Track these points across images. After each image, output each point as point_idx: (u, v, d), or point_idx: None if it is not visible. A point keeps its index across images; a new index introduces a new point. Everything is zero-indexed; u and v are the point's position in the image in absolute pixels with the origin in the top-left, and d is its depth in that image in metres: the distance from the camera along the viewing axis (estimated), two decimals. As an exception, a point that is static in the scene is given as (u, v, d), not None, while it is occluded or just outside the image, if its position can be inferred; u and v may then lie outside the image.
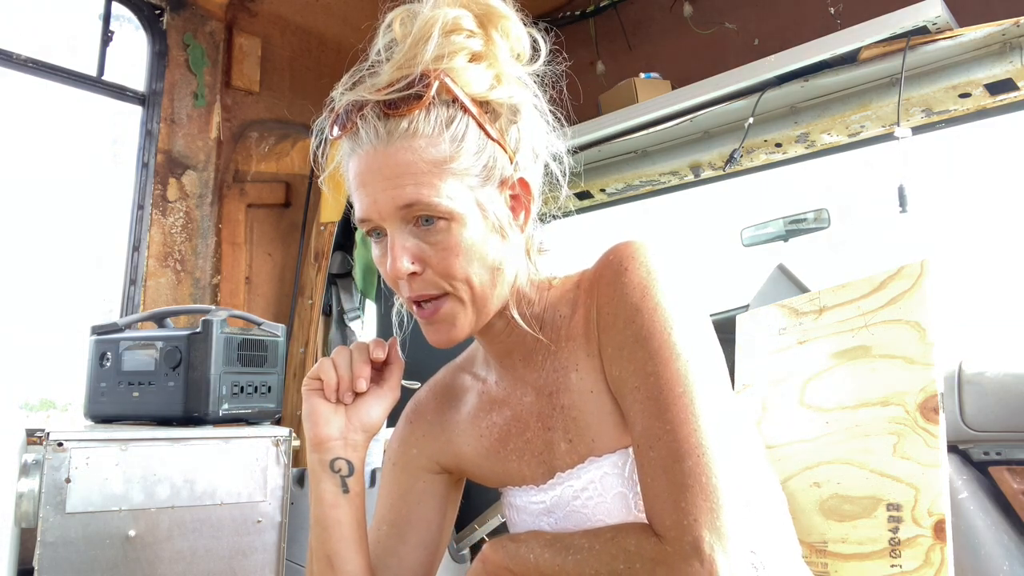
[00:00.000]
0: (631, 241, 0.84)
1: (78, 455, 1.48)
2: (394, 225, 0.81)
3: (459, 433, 0.99)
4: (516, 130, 0.86)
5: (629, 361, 0.79)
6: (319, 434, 0.90)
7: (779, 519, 0.94)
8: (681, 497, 0.71)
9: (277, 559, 1.71)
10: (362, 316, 2.90)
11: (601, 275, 0.85)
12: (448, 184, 0.79)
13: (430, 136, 0.79)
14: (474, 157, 0.81)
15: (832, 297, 1.33)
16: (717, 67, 2.32)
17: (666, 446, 0.74)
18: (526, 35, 0.88)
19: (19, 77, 2.39)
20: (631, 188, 2.94)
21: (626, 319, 0.80)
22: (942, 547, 1.07)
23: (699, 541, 0.69)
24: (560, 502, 0.87)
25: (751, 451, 0.94)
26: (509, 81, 0.86)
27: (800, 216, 2.26)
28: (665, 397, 0.75)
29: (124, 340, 1.78)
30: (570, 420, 0.87)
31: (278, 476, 1.74)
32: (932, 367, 1.16)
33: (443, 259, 0.81)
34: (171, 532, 1.56)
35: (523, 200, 0.87)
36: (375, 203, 0.80)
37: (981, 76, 1.97)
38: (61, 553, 1.44)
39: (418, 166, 0.79)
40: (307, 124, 2.96)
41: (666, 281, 0.80)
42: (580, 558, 0.77)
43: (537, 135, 0.90)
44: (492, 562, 0.86)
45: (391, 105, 0.79)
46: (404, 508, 1.00)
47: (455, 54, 0.82)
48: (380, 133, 0.79)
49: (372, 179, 0.80)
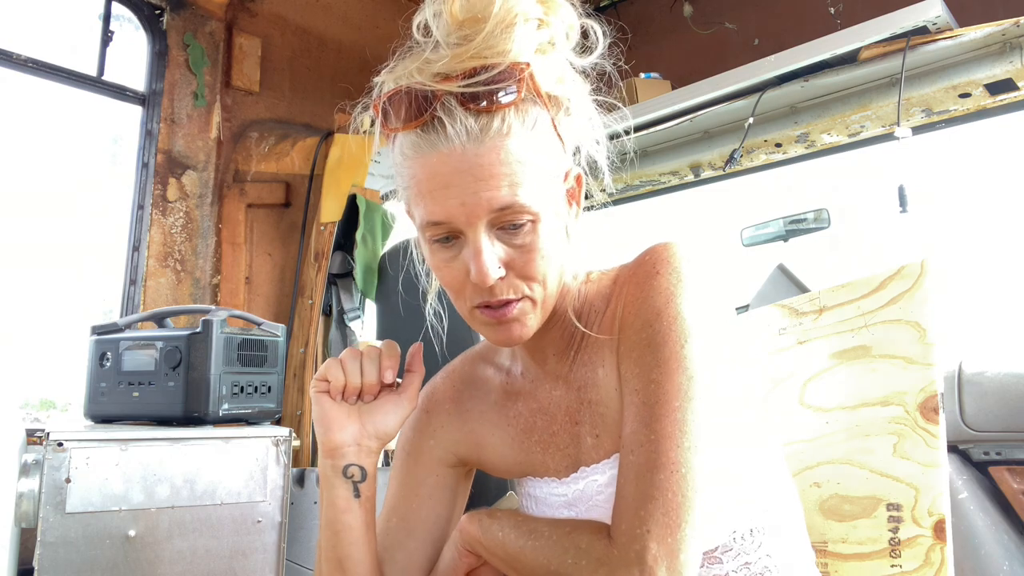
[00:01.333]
0: (669, 244, 0.83)
1: (78, 455, 1.48)
2: (480, 229, 0.75)
3: (483, 422, 0.98)
4: (571, 123, 0.84)
5: (637, 364, 0.79)
6: (333, 440, 0.88)
7: (795, 527, 0.94)
8: (642, 507, 0.72)
9: (277, 559, 1.71)
10: (362, 316, 2.90)
11: (634, 274, 0.84)
12: (535, 183, 0.76)
13: (520, 136, 0.75)
14: (550, 156, 0.79)
15: (832, 297, 1.33)
16: (717, 67, 2.32)
17: (646, 454, 0.74)
18: (579, 26, 0.84)
19: (19, 77, 2.39)
20: (631, 188, 2.94)
21: (645, 322, 0.79)
22: (942, 547, 1.07)
23: (645, 551, 0.69)
24: (583, 496, 0.88)
25: (772, 460, 0.93)
26: (570, 75, 0.83)
27: (800, 216, 2.26)
28: (660, 407, 0.75)
29: (124, 340, 1.78)
30: (597, 416, 0.87)
31: (278, 476, 1.74)
32: (932, 367, 1.16)
33: (527, 261, 0.78)
34: (171, 532, 1.56)
35: (576, 194, 0.87)
36: (463, 205, 0.74)
37: (981, 76, 1.97)
38: (61, 553, 1.44)
39: (512, 167, 0.74)
40: (307, 124, 2.97)
41: (694, 291, 0.79)
42: (538, 545, 0.79)
43: (590, 130, 0.88)
44: (467, 533, 0.88)
45: (476, 99, 0.73)
46: (415, 502, 0.99)
47: (533, 46, 0.77)
48: (471, 130, 0.73)
49: (461, 180, 0.74)
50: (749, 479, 0.86)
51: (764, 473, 0.88)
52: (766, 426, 0.92)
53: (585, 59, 0.85)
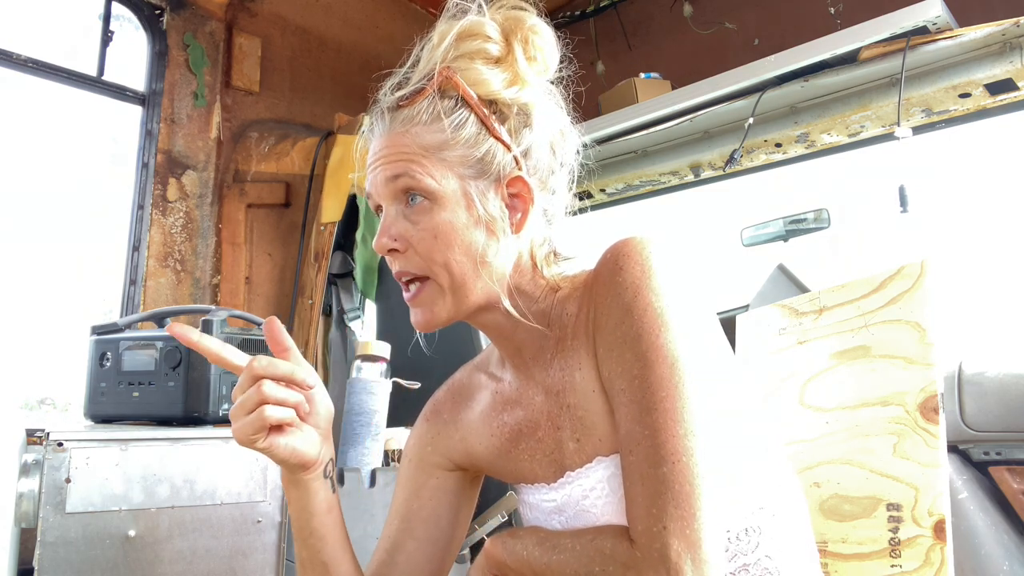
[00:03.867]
0: (630, 238, 0.84)
1: (78, 455, 1.48)
2: (387, 201, 0.87)
3: (472, 432, 1.00)
4: (528, 133, 0.88)
5: (618, 363, 0.79)
6: (310, 460, 0.87)
7: (798, 529, 0.92)
8: (653, 503, 0.72)
9: (277, 559, 1.71)
10: (362, 316, 2.90)
11: (599, 274, 0.84)
12: (437, 167, 0.85)
13: (426, 123, 0.85)
14: (469, 148, 0.85)
15: (832, 297, 1.33)
16: (717, 67, 2.33)
17: (644, 451, 0.74)
18: (553, 46, 0.91)
19: (19, 77, 2.39)
20: (631, 188, 2.94)
21: (617, 320, 0.80)
22: (942, 547, 1.07)
23: (667, 549, 0.70)
24: (570, 501, 0.88)
25: (770, 459, 0.92)
26: (526, 87, 0.88)
27: (800, 216, 2.26)
28: (648, 401, 0.75)
29: (124, 340, 1.78)
30: (576, 420, 0.87)
31: (278, 476, 1.74)
32: (932, 367, 1.16)
33: (423, 239, 0.85)
34: (171, 532, 1.56)
35: (523, 201, 0.88)
36: (374, 180, 0.88)
37: (981, 76, 1.97)
38: (61, 553, 1.44)
39: (411, 147, 0.85)
40: (307, 124, 2.97)
41: (661, 280, 0.79)
42: (563, 558, 0.79)
43: (550, 141, 0.91)
44: (492, 557, 0.87)
45: (401, 99, 0.87)
46: (415, 503, 1.01)
47: (468, 56, 0.87)
48: (385, 120, 0.88)
49: (374, 159, 0.88)
50: (744, 478, 0.85)
51: (760, 472, 0.87)
52: (763, 425, 0.91)
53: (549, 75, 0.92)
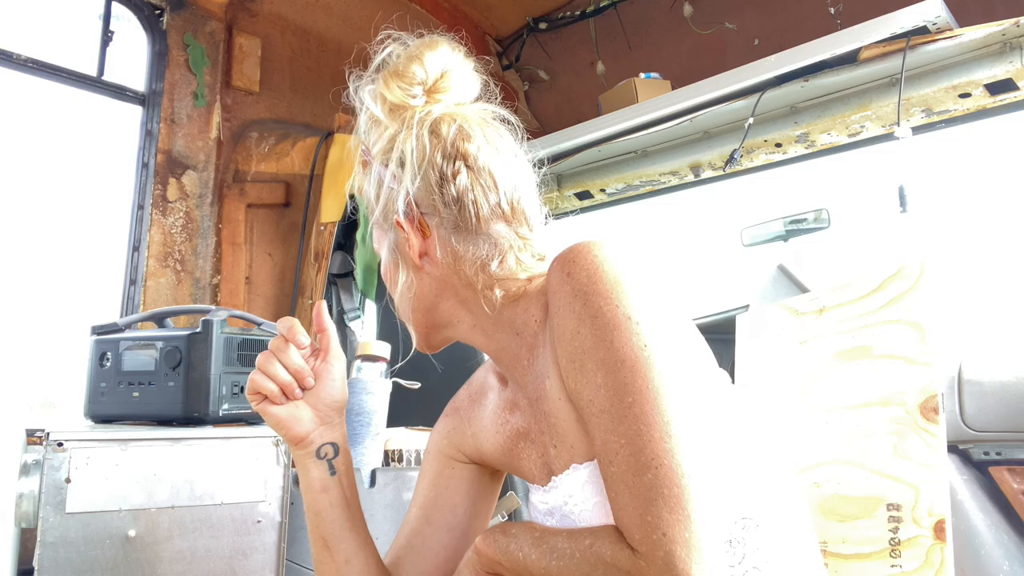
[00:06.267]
0: (577, 244, 0.81)
1: (78, 455, 1.48)
2: None
3: (482, 429, 1.02)
4: (406, 169, 0.93)
5: (580, 374, 0.77)
6: (296, 435, 0.95)
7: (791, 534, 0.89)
8: (647, 511, 0.70)
9: (277, 559, 1.71)
10: (362, 316, 2.90)
11: (550, 282, 0.82)
12: (376, 226, 0.97)
13: (366, 180, 0.97)
14: (380, 200, 0.94)
15: (832, 297, 1.33)
16: (717, 67, 2.33)
17: (624, 460, 0.72)
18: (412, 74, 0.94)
19: (19, 77, 2.39)
20: (631, 188, 2.94)
21: (572, 330, 0.78)
22: (942, 547, 1.07)
23: (671, 556, 0.68)
24: (557, 505, 0.88)
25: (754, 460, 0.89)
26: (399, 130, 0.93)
27: (800, 216, 2.26)
28: (617, 409, 0.73)
29: (124, 340, 1.78)
30: (551, 427, 0.86)
31: (278, 476, 1.74)
32: (932, 367, 1.16)
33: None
34: (171, 532, 1.56)
35: (425, 228, 0.92)
36: None
37: (981, 76, 1.97)
38: (61, 553, 1.44)
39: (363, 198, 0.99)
40: (307, 124, 2.96)
41: (612, 284, 0.77)
42: (563, 564, 0.77)
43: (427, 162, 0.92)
44: (484, 554, 0.86)
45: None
46: (432, 492, 1.05)
47: (367, 127, 0.97)
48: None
49: None
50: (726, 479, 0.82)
51: (742, 481, 0.84)
52: (745, 431, 0.89)
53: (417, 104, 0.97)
